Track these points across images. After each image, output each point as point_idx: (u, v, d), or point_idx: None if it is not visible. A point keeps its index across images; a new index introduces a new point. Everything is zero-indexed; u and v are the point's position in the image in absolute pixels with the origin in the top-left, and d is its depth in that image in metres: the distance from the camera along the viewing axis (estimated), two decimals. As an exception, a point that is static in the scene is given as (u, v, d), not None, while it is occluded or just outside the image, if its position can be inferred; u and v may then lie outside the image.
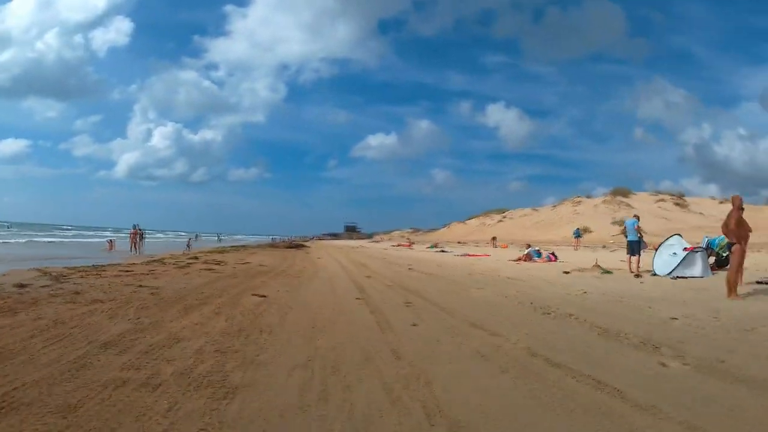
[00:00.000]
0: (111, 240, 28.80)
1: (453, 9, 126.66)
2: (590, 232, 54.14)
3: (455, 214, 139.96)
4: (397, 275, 14.42)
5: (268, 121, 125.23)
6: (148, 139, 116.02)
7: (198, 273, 12.84)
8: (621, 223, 50.93)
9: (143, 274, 11.79)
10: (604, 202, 67.41)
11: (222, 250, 28.74)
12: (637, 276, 13.09)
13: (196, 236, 62.54)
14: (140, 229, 39.22)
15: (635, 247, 14.34)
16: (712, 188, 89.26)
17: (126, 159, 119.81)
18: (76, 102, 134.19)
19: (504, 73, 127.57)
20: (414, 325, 6.39)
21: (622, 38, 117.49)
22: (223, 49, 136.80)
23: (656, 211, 54.68)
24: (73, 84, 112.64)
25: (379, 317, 6.92)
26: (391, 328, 6.15)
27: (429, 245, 42.63)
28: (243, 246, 39.87)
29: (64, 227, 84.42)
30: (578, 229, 37.74)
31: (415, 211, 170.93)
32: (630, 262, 14.18)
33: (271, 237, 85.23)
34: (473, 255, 27.10)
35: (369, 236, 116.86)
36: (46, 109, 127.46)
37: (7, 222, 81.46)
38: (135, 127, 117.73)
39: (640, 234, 14.73)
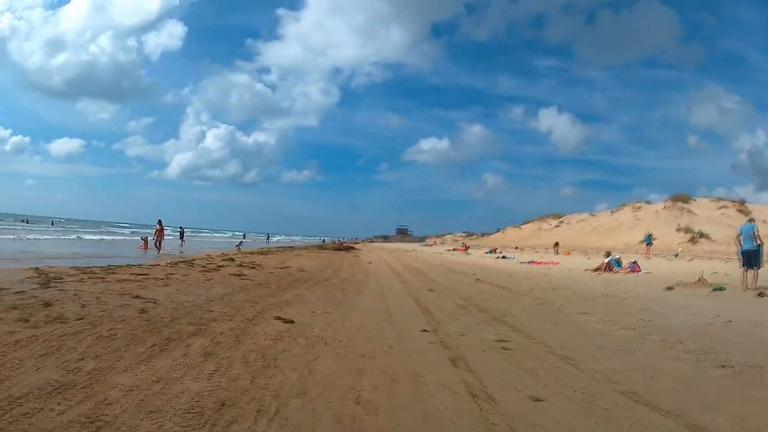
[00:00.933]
0: (145, 238, 27.24)
1: (505, 13, 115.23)
2: (655, 239, 49.12)
3: (507, 218, 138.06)
4: (466, 289, 11.58)
5: (321, 124, 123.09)
6: (201, 141, 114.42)
7: (223, 279, 10.51)
8: (686, 229, 46.56)
9: (157, 278, 9.55)
10: (665, 208, 61.31)
11: (266, 251, 26.79)
12: (761, 295, 9.68)
13: (244, 236, 61.62)
14: (181, 228, 38.14)
15: (753, 258, 11.01)
16: (766, 196, 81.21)
17: (179, 159, 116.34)
18: (130, 104, 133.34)
19: (556, 77, 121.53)
20: (537, 399, 3.55)
21: (676, 43, 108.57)
22: (275, 53, 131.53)
23: (719, 218, 49.61)
24: (126, 86, 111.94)
25: (467, 376, 4.12)
26: (496, 407, 3.33)
27: (486, 250, 39.23)
28: (290, 247, 38.04)
29: (120, 224, 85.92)
30: (649, 235, 33.24)
31: (466, 215, 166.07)
32: (745, 276, 10.78)
33: (321, 238, 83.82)
34: (540, 263, 23.74)
35: (420, 239, 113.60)
36: (99, 111, 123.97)
37: (57, 218, 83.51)
38: (188, 129, 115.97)
39: (760, 241, 11.23)
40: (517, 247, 49.85)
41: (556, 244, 37.88)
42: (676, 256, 27.42)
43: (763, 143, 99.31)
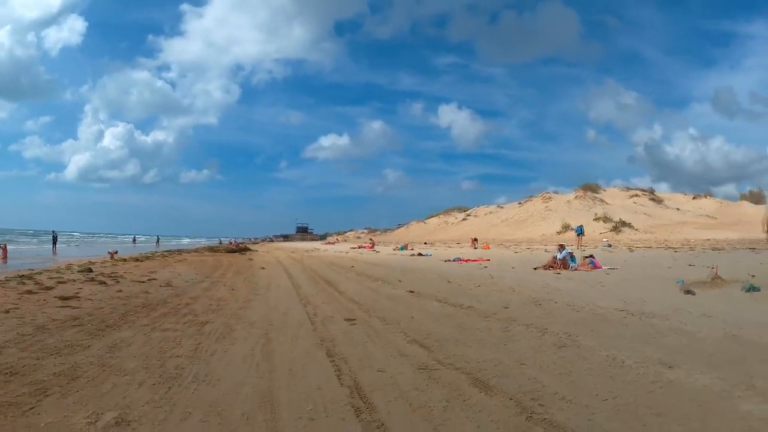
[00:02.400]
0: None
1: (409, 12, 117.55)
2: (571, 229, 49.12)
3: (409, 213, 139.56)
4: (405, 310, 7.24)
5: (221, 122, 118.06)
6: (100, 140, 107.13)
7: (30, 310, 5.21)
8: (605, 218, 46.75)
9: None
10: (576, 197, 62.61)
11: (144, 257, 20.75)
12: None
13: (134, 239, 53.92)
14: (54, 233, 31.75)
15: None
16: (663, 186, 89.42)
17: (76, 160, 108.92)
18: (28, 102, 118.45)
19: (455, 74, 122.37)
20: None
21: (576, 41, 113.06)
22: (177, 49, 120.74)
23: (632, 206, 50.47)
24: (24, 83, 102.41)
25: None
26: None
27: (397, 246, 35.51)
28: (178, 251, 31.46)
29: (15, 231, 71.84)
30: (581, 226, 31.93)
31: (367, 212, 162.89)
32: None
33: (219, 239, 75.58)
34: (470, 260, 20.30)
35: (322, 237, 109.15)
36: None
37: None
38: (86, 128, 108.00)
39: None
40: (426, 243, 47.10)
41: (475, 239, 35.26)
42: (610, 246, 25.65)
43: (659, 137, 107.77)
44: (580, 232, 29.25)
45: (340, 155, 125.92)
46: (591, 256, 14.73)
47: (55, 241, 31.33)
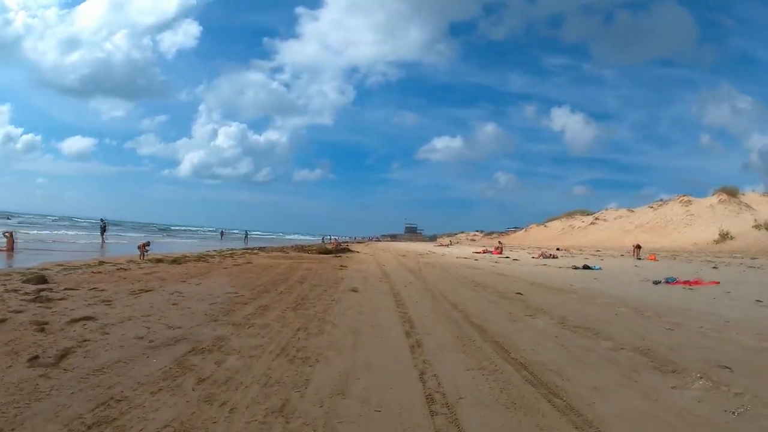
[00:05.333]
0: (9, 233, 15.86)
1: (523, 12, 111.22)
2: (731, 238, 36.93)
3: (517, 217, 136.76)
4: None
5: (335, 123, 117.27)
6: (213, 139, 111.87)
7: None
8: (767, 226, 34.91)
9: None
10: (720, 201, 48.94)
11: (198, 257, 16.13)
12: None
13: (222, 233, 51.37)
14: (103, 221, 28.32)
15: None
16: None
17: (190, 158, 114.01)
18: (143, 102, 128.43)
19: (567, 75, 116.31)
20: None
21: (690, 43, 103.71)
22: (293, 52, 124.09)
23: None
24: (140, 84, 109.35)
25: None
26: None
27: (540, 253, 26.57)
28: (258, 249, 26.24)
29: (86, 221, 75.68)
30: None
31: (475, 214, 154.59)
32: None
33: (322, 237, 71.80)
34: (699, 282, 11.40)
35: (431, 238, 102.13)
36: (112, 108, 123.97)
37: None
38: (200, 127, 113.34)
39: None
40: (559, 248, 37.36)
41: (638, 246, 25.33)
42: None
43: None
44: None
45: (452, 157, 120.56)
46: None
47: (103, 230, 27.68)
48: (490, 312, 6.98)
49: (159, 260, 14.18)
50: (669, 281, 12.14)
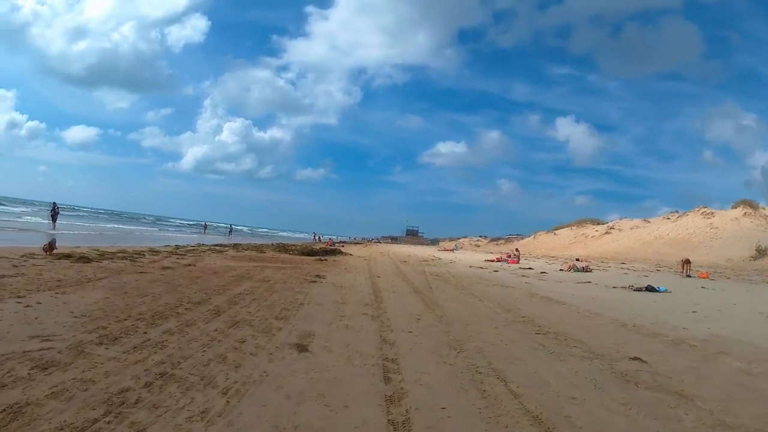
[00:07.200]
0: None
1: (532, 22, 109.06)
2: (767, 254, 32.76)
3: (518, 224, 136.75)
4: None
5: (339, 123, 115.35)
6: (218, 134, 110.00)
7: None
8: None
9: None
10: (745, 215, 44.68)
11: (134, 252, 12.93)
12: None
13: (205, 227, 47.53)
14: (54, 205, 25.59)
15: None
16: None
17: (194, 152, 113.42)
18: (149, 94, 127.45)
19: (570, 85, 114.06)
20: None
21: (696, 58, 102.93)
22: (301, 50, 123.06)
23: None
24: (146, 76, 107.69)
25: None
26: None
27: (568, 265, 21.85)
28: (235, 245, 22.11)
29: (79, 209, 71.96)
30: None
31: (476, 220, 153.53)
32: None
33: (313, 234, 67.31)
34: None
35: (433, 242, 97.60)
36: (117, 100, 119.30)
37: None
38: (205, 122, 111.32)
39: None
40: (578, 259, 32.70)
41: (687, 261, 20.70)
42: None
43: None
44: None
45: (455, 162, 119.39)
46: None
47: (54, 215, 24.76)
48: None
49: (67, 256, 9.83)
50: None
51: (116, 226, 39.80)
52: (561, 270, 19.89)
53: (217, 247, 18.85)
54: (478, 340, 5.16)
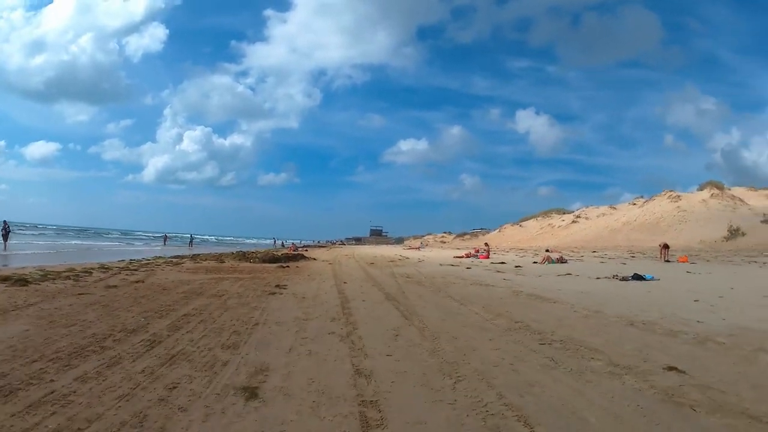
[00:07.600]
0: None
1: (491, 17, 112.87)
2: (742, 235, 33.80)
3: (482, 218, 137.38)
4: None
5: (300, 126, 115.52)
6: (178, 143, 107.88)
7: None
8: None
9: None
10: (712, 196, 45.95)
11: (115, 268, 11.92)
12: None
13: (165, 238, 45.34)
14: (5, 223, 23.60)
15: None
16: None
17: (155, 162, 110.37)
18: (108, 106, 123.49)
19: (530, 78, 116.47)
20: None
21: (656, 44, 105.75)
22: (260, 55, 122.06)
23: None
24: (105, 88, 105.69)
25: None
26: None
27: (543, 258, 21.24)
28: (194, 256, 20.60)
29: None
30: None
31: (441, 216, 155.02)
32: None
33: (274, 239, 65.28)
34: None
35: (397, 241, 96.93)
36: (77, 113, 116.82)
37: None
38: (165, 132, 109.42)
39: None
40: (548, 250, 32.50)
41: (666, 246, 20.57)
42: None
43: (737, 142, 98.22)
44: None
45: (418, 159, 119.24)
46: None
47: (5, 233, 22.87)
48: None
49: (5, 279, 8.59)
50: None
51: (78, 242, 37.22)
52: (536, 263, 19.25)
53: (175, 260, 17.20)
54: (475, 360, 4.06)
